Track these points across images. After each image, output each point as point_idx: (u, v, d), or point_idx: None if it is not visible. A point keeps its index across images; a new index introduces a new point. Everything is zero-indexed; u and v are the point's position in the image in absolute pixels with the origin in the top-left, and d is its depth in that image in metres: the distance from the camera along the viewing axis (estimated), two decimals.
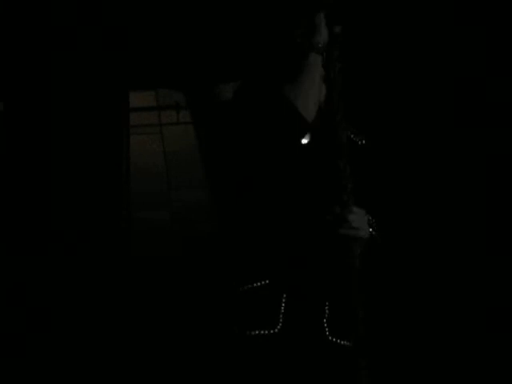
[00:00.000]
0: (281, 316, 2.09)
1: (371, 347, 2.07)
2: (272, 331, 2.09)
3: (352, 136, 2.21)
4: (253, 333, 2.10)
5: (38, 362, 3.72)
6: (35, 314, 3.81)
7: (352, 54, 2.21)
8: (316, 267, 2.13)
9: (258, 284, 2.13)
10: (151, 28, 4.12)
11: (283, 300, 2.11)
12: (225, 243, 2.28)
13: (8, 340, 3.69)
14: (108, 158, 4.15)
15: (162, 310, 4.47)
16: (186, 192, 5.63)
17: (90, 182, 4.05)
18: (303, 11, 2.17)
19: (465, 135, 3.88)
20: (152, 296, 4.52)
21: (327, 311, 2.12)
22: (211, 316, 3.90)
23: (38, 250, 3.90)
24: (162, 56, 4.20)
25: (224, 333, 2.20)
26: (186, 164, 5.43)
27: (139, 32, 4.12)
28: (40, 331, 3.79)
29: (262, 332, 2.09)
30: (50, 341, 3.79)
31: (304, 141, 2.13)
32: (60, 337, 3.82)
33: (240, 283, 2.17)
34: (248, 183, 2.18)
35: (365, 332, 2.05)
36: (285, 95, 2.09)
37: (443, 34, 3.86)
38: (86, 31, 4.01)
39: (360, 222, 2.07)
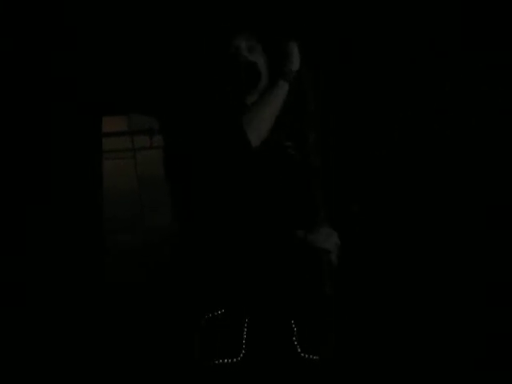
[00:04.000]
0: (243, 343, 2.10)
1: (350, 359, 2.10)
2: (235, 359, 2.10)
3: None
4: (216, 362, 2.12)
5: None
6: None
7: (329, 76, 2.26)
8: (280, 286, 2.15)
9: (219, 312, 2.15)
10: (123, 53, 4.14)
11: (245, 326, 2.12)
12: (185, 269, 2.29)
13: None
14: (81, 184, 4.15)
15: (130, 337, 4.47)
16: (159, 216, 5.63)
17: (63, 206, 4.05)
18: (276, 38, 2.22)
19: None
20: (122, 320, 4.52)
21: (295, 329, 2.13)
22: (176, 345, 3.90)
23: (9, 273, 3.90)
24: (135, 80, 4.22)
25: (189, 362, 2.21)
26: (159, 188, 5.44)
27: (111, 57, 4.14)
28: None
29: (225, 361, 2.10)
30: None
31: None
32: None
33: (202, 311, 2.18)
34: (211, 204, 2.20)
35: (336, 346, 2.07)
36: (239, 117, 2.13)
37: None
38: (59, 57, 4.04)
39: (332, 244, 2.10)
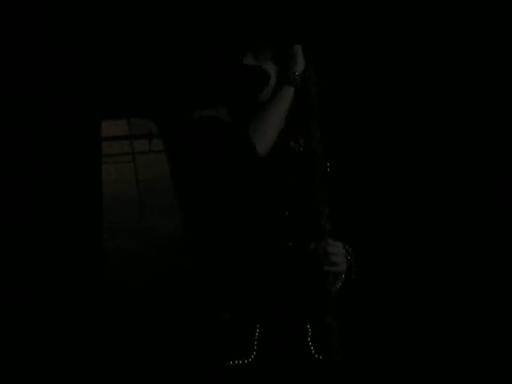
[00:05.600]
0: (255, 344, 2.09)
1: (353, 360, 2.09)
2: (246, 361, 2.09)
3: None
4: (227, 363, 2.10)
5: None
6: None
7: (326, 78, 2.24)
8: (292, 291, 2.14)
9: (229, 315, 2.14)
10: (123, 57, 4.13)
11: (257, 328, 2.11)
12: (198, 274, 2.27)
13: None
14: (80, 188, 4.14)
15: (134, 344, 4.46)
16: (158, 220, 5.62)
17: (61, 211, 4.04)
18: (278, 41, 2.19)
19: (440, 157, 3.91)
20: (124, 325, 4.51)
21: (309, 330, 2.13)
22: (183, 347, 3.90)
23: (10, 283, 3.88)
24: (134, 85, 4.21)
25: (198, 362, 2.20)
26: (158, 192, 5.43)
27: (110, 61, 4.13)
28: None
29: (236, 362, 2.09)
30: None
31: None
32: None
33: (215, 313, 2.17)
34: (219, 212, 2.18)
35: (341, 347, 2.06)
36: (245, 128, 2.10)
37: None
38: (58, 60, 4.02)
39: (339, 256, 2.09)
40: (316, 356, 2.13)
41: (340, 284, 2.11)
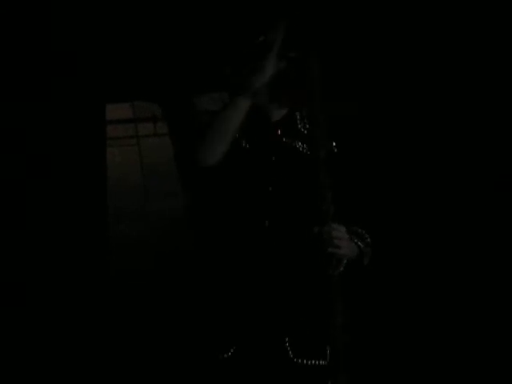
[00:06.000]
0: (236, 340, 2.10)
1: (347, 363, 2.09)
2: (226, 355, 2.10)
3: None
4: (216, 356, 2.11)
5: None
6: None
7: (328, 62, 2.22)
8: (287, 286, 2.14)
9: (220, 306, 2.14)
10: (127, 40, 4.13)
11: (240, 324, 2.11)
12: (199, 259, 2.28)
13: None
14: (85, 171, 4.14)
15: (137, 326, 4.48)
16: (162, 204, 5.63)
17: (66, 194, 4.04)
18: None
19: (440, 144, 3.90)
20: (128, 310, 4.52)
21: (289, 333, 2.12)
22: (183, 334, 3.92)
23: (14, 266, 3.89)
24: (138, 68, 4.20)
25: (194, 353, 2.20)
26: (163, 176, 5.43)
27: (114, 44, 4.12)
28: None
29: (218, 356, 2.10)
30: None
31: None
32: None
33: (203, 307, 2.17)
34: (223, 196, 2.18)
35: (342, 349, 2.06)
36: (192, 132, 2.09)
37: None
38: (63, 44, 4.02)
39: (342, 241, 2.08)
40: (295, 360, 2.12)
41: (342, 268, 2.11)
